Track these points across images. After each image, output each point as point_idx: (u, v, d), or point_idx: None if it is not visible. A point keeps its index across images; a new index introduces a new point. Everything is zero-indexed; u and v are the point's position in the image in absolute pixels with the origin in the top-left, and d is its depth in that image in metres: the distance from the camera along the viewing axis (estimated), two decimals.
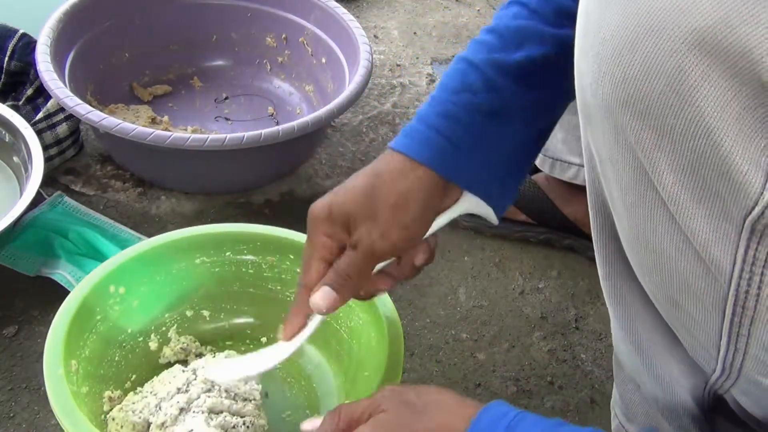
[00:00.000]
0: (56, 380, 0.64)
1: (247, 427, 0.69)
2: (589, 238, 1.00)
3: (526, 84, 0.57)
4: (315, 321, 0.61)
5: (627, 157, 0.44)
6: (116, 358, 0.75)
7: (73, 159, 1.09)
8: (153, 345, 0.77)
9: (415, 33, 1.45)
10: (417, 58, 1.38)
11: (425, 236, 0.58)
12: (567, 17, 0.55)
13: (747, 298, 0.42)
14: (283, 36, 1.22)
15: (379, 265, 0.59)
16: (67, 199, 0.99)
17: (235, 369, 0.67)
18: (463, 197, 0.59)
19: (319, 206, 0.57)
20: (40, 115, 1.01)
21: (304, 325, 0.61)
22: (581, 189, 0.96)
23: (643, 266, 0.49)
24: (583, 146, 0.52)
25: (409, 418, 0.51)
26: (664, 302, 0.49)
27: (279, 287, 0.81)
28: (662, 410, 0.60)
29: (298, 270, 0.68)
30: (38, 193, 0.88)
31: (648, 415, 0.64)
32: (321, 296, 0.57)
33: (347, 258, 0.57)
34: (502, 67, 0.57)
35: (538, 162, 0.99)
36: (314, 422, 0.56)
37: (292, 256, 0.79)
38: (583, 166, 0.94)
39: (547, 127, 0.61)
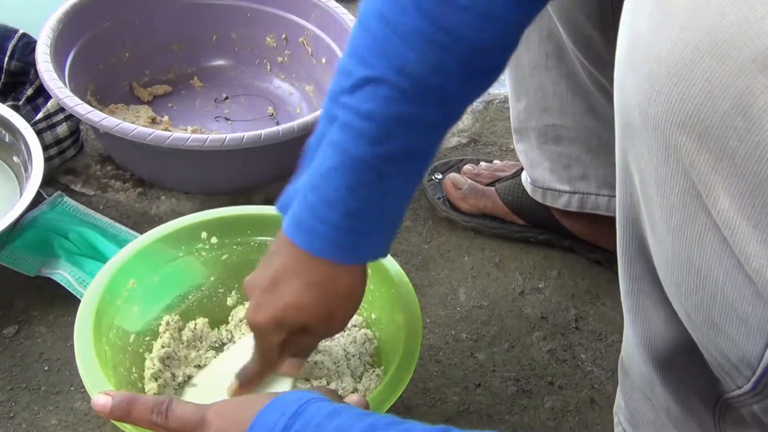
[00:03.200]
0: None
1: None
2: (586, 242, 1.01)
3: (410, 162, 0.59)
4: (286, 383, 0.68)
5: (677, 178, 0.42)
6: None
7: (73, 159, 1.09)
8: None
9: None
10: None
11: None
12: (439, 94, 0.56)
13: None
14: (283, 36, 1.22)
15: None
16: (67, 199, 0.99)
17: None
18: None
19: (264, 323, 0.62)
20: (40, 115, 1.01)
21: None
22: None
23: (681, 287, 0.48)
24: (618, 165, 0.51)
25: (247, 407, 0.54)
26: (700, 324, 0.48)
27: None
28: (674, 421, 0.60)
29: None
30: (38, 193, 0.88)
31: (654, 423, 0.64)
32: (291, 366, 0.67)
33: (310, 341, 0.67)
34: (388, 159, 0.57)
35: (530, 192, 0.99)
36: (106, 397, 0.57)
37: None
38: (573, 193, 0.95)
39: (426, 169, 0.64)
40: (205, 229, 0.81)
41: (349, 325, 0.80)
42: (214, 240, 0.82)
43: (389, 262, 0.77)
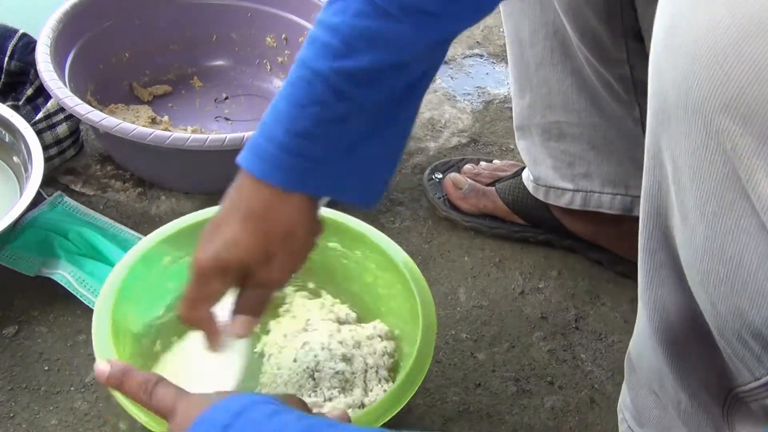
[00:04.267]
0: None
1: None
2: (587, 241, 1.01)
3: (375, 86, 0.55)
4: (244, 342, 0.64)
5: (716, 163, 0.42)
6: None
7: (73, 159, 1.09)
8: None
9: None
10: None
11: None
12: (414, 13, 0.53)
13: None
14: (283, 36, 1.22)
15: None
16: (67, 199, 0.99)
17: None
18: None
19: (204, 259, 0.58)
20: (40, 115, 1.01)
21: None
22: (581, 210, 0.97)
23: (708, 276, 0.47)
24: (647, 151, 0.50)
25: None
26: (726, 313, 0.47)
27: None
28: (682, 414, 0.59)
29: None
30: (38, 193, 0.88)
31: (661, 420, 0.63)
32: (240, 325, 0.62)
33: (256, 294, 0.61)
34: (349, 76, 0.53)
35: (531, 190, 0.98)
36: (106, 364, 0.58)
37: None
38: (576, 191, 0.94)
39: (407, 116, 0.59)
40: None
41: (372, 333, 0.79)
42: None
43: (415, 278, 0.76)
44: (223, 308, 0.63)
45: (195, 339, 0.67)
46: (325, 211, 0.77)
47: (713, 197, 0.43)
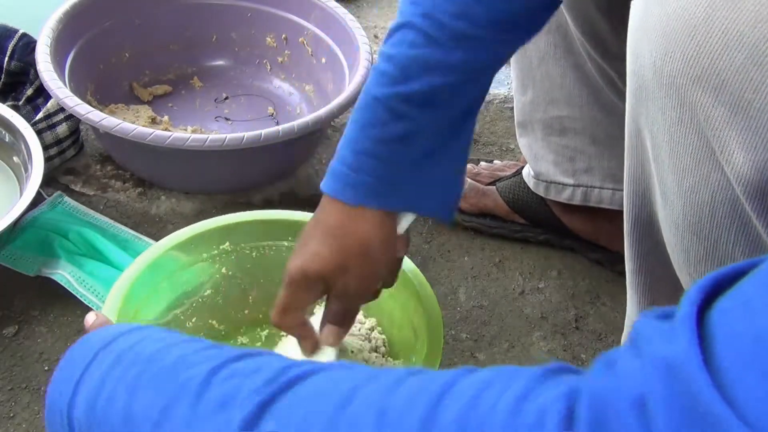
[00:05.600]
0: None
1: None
2: (587, 241, 1.01)
3: (431, 107, 0.58)
4: (332, 350, 0.67)
5: (691, 137, 0.42)
6: None
7: (73, 159, 1.09)
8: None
9: None
10: None
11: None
12: (464, 40, 0.56)
13: None
14: (283, 36, 1.22)
15: None
16: (67, 199, 0.99)
17: None
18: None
19: (294, 270, 0.61)
20: (40, 115, 1.01)
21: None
22: (581, 206, 0.97)
23: (689, 253, 0.48)
24: (627, 132, 0.51)
25: None
26: None
27: None
28: None
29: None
30: (38, 193, 0.88)
31: None
32: (328, 334, 0.65)
33: (337, 305, 0.65)
34: (405, 98, 0.57)
35: (531, 186, 0.99)
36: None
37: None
38: (577, 186, 0.95)
39: (466, 134, 0.62)
40: (224, 235, 0.81)
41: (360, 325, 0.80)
42: (228, 245, 0.82)
43: (420, 284, 0.76)
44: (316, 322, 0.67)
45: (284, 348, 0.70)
46: None
47: (690, 171, 0.44)
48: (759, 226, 0.41)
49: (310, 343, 0.65)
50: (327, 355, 0.67)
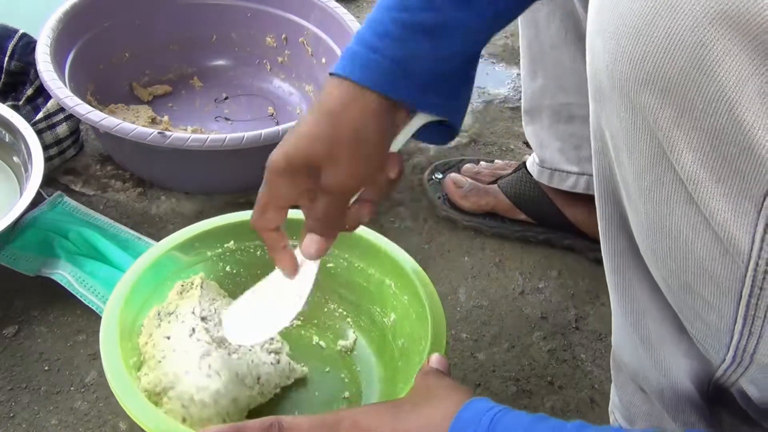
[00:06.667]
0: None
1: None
2: (589, 239, 1.01)
3: (467, 5, 0.55)
4: (312, 267, 0.62)
5: (644, 138, 0.43)
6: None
7: (73, 159, 1.09)
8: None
9: None
10: None
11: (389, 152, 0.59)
12: None
13: (765, 279, 0.42)
14: (283, 36, 1.22)
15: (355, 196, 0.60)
16: (67, 199, 0.99)
17: (255, 328, 0.65)
18: (416, 115, 0.59)
19: (276, 158, 0.57)
20: (40, 115, 1.01)
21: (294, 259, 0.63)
22: (583, 195, 0.97)
23: (656, 253, 0.48)
24: (593, 134, 0.51)
25: (389, 418, 0.53)
26: (677, 290, 0.49)
27: None
28: (667, 406, 0.60)
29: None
30: (38, 193, 0.88)
31: (650, 415, 0.64)
32: (309, 244, 0.60)
33: (321, 203, 0.58)
34: None
35: (535, 173, 0.99)
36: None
37: None
38: (581, 174, 0.95)
39: (486, 39, 0.60)
40: (228, 233, 0.82)
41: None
42: (232, 244, 0.82)
43: (426, 290, 0.76)
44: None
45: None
46: None
47: (646, 172, 0.45)
48: (713, 226, 0.42)
49: (288, 261, 0.62)
50: (306, 274, 0.62)
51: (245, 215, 0.82)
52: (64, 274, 0.88)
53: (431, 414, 0.52)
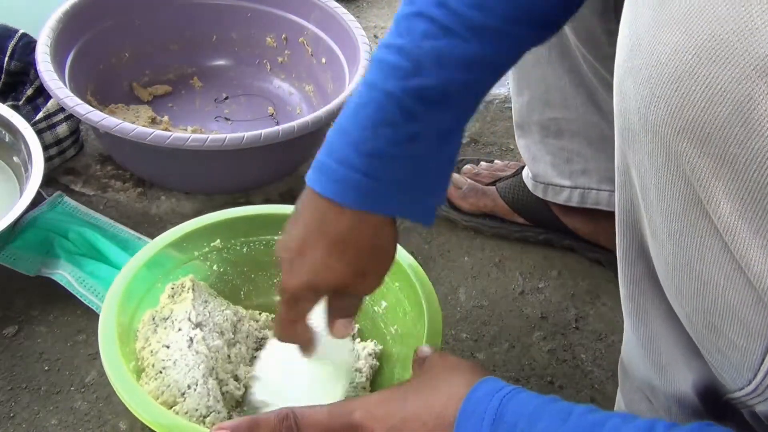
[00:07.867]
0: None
1: None
2: (587, 241, 1.01)
3: (439, 106, 0.55)
4: (347, 342, 0.67)
5: (678, 184, 0.42)
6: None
7: (73, 159, 1.09)
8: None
9: None
10: None
11: None
12: (480, 31, 0.54)
13: None
14: (283, 36, 1.22)
15: None
16: (67, 199, 0.99)
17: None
18: None
19: (300, 286, 0.58)
20: (40, 115, 1.01)
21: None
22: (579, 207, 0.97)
23: (682, 292, 0.48)
24: (618, 167, 0.50)
25: (397, 405, 0.53)
26: (701, 327, 0.48)
27: None
28: (675, 420, 0.59)
29: None
30: (38, 193, 0.88)
31: None
32: (340, 327, 0.64)
33: (351, 301, 0.63)
34: (419, 95, 0.54)
35: (530, 188, 0.99)
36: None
37: None
38: (574, 188, 0.95)
39: (460, 133, 0.61)
40: (214, 232, 0.82)
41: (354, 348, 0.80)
42: (218, 243, 0.82)
43: (423, 288, 0.76)
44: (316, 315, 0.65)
45: (280, 350, 0.67)
46: None
47: (678, 217, 0.44)
48: (748, 275, 0.41)
49: (313, 347, 0.64)
50: (341, 348, 0.66)
51: (229, 213, 0.83)
52: (64, 274, 0.88)
53: (438, 399, 0.52)
